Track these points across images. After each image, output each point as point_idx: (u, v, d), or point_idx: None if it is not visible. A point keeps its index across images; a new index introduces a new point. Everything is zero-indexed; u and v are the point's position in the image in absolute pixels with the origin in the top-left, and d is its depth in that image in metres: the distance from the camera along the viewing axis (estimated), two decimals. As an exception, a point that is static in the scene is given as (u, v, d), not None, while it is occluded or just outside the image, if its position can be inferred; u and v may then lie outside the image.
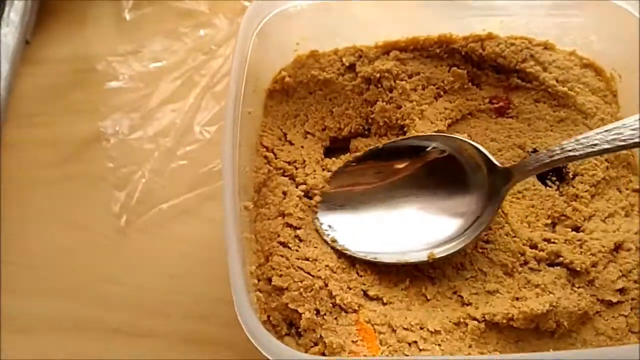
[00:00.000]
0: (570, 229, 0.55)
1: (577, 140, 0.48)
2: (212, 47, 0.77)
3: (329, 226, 0.55)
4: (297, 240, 0.54)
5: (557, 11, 0.60)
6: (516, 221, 0.55)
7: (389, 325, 0.49)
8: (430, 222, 0.54)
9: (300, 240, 0.54)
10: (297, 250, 0.53)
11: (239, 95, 0.50)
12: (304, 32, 0.60)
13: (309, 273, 0.51)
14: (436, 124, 0.59)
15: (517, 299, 0.51)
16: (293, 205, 0.55)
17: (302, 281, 0.50)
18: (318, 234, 0.54)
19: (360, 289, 0.52)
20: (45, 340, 0.59)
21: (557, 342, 0.50)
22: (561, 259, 0.53)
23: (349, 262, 0.53)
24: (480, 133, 0.59)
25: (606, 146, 0.47)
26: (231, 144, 0.48)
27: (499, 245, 0.53)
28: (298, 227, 0.54)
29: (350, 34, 0.61)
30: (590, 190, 0.56)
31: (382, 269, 0.53)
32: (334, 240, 0.54)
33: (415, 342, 0.48)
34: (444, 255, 0.52)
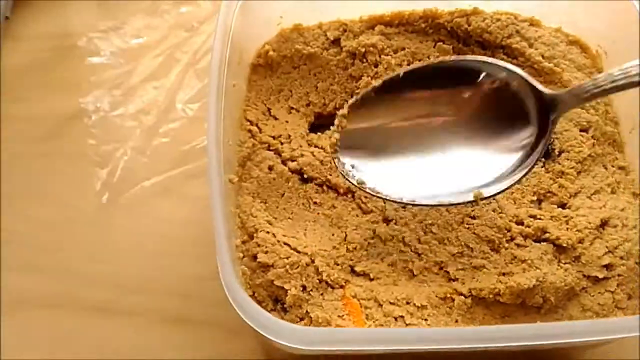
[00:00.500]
0: (556, 206, 0.54)
1: (622, 69, 0.45)
2: (194, 24, 0.77)
3: (352, 166, 0.51)
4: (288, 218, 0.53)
5: (543, -13, 0.60)
6: (502, 197, 0.54)
7: (375, 300, 0.49)
8: (475, 161, 0.51)
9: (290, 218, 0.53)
10: (283, 229, 0.52)
11: (223, 68, 0.50)
12: (288, 4, 0.59)
13: (295, 249, 0.50)
14: (422, 99, 0.58)
15: (504, 274, 0.51)
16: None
17: (288, 257, 0.49)
18: (342, 175, 0.51)
19: (348, 264, 0.51)
20: (24, 318, 0.59)
21: (543, 317, 0.49)
22: (547, 235, 0.52)
23: (340, 238, 0.53)
24: (465, 109, 0.59)
25: None
26: (216, 118, 0.47)
27: (486, 221, 0.53)
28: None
29: (334, 8, 0.61)
30: (576, 167, 0.56)
31: (369, 244, 0.52)
32: (361, 182, 0.51)
33: (402, 316, 0.47)
34: (494, 194, 0.50)
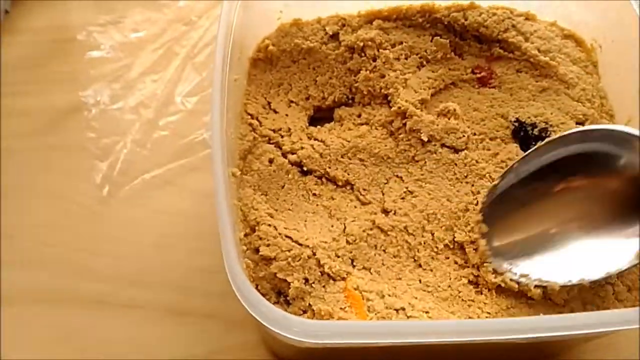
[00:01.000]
0: None
1: None
2: (192, 18, 0.77)
3: (510, 264, 0.51)
4: (288, 210, 0.54)
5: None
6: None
7: (377, 292, 0.49)
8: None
9: (290, 210, 0.54)
10: (284, 221, 0.53)
11: (226, 63, 0.50)
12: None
13: (297, 242, 0.50)
14: (420, 92, 0.58)
15: None
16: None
17: (289, 250, 0.50)
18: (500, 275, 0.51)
19: (348, 257, 0.51)
20: (25, 312, 0.59)
21: (546, 309, 0.50)
22: None
23: (339, 230, 0.53)
24: (463, 103, 0.59)
25: None
26: (220, 112, 0.47)
27: None
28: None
29: (333, 3, 0.61)
30: None
31: (369, 235, 0.53)
32: (524, 275, 0.50)
33: (403, 308, 0.48)
34: None
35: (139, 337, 0.58)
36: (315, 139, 0.57)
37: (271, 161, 0.55)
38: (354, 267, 0.51)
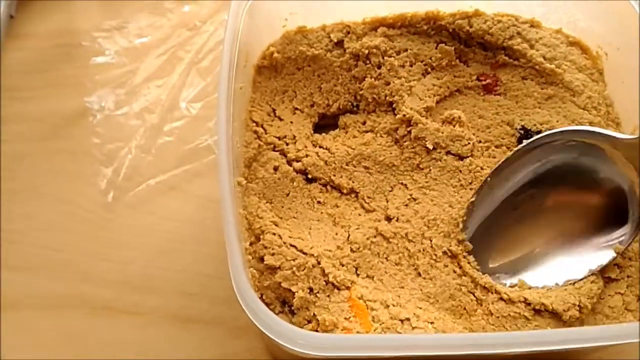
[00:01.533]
0: None
1: None
2: (197, 23, 0.77)
3: (497, 277, 0.52)
4: (292, 217, 0.54)
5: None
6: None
7: (382, 302, 0.49)
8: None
9: (294, 217, 0.54)
10: (289, 229, 0.53)
11: (232, 71, 0.50)
12: (293, 7, 0.60)
13: (301, 251, 0.50)
14: (425, 100, 0.58)
15: None
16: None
17: (294, 260, 0.50)
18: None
19: (353, 265, 0.52)
20: (30, 317, 0.59)
21: (555, 321, 0.50)
22: None
23: (343, 238, 0.53)
24: (468, 110, 0.59)
25: None
26: (226, 121, 0.47)
27: None
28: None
29: (338, 10, 0.61)
30: None
31: (372, 243, 0.53)
32: (513, 285, 0.52)
33: (408, 319, 0.48)
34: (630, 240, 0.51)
35: (143, 343, 0.57)
36: (320, 147, 0.57)
37: (276, 169, 0.55)
38: (358, 275, 0.51)
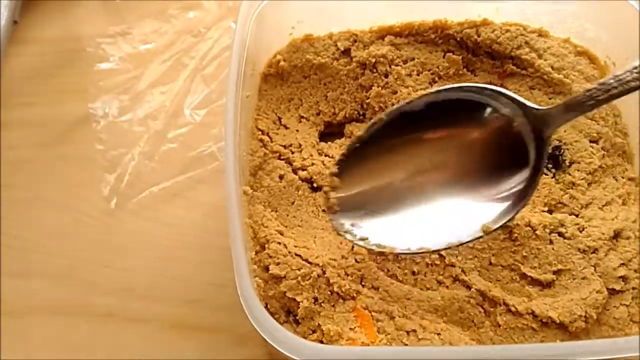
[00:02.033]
0: (568, 215, 0.55)
1: (617, 76, 0.45)
2: (201, 30, 0.76)
3: (352, 225, 0.49)
4: (297, 226, 0.54)
5: (551, -1, 0.60)
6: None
7: (387, 313, 0.49)
8: (479, 204, 0.49)
9: (299, 226, 0.54)
10: (294, 238, 0.52)
11: (240, 80, 0.50)
12: (300, 15, 0.60)
13: (306, 260, 0.50)
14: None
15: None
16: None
17: (299, 269, 0.49)
18: (340, 234, 0.49)
19: (357, 275, 0.51)
20: (32, 323, 0.59)
21: (561, 332, 0.49)
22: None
23: (348, 247, 0.53)
24: (475, 119, 0.59)
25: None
26: (233, 130, 0.47)
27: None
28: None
29: (345, 18, 0.61)
30: (587, 178, 0.56)
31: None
32: (364, 239, 0.49)
33: (414, 330, 0.48)
34: (501, 223, 0.48)
35: (147, 351, 0.57)
36: (326, 155, 0.57)
37: (281, 177, 0.55)
38: (363, 286, 0.51)
